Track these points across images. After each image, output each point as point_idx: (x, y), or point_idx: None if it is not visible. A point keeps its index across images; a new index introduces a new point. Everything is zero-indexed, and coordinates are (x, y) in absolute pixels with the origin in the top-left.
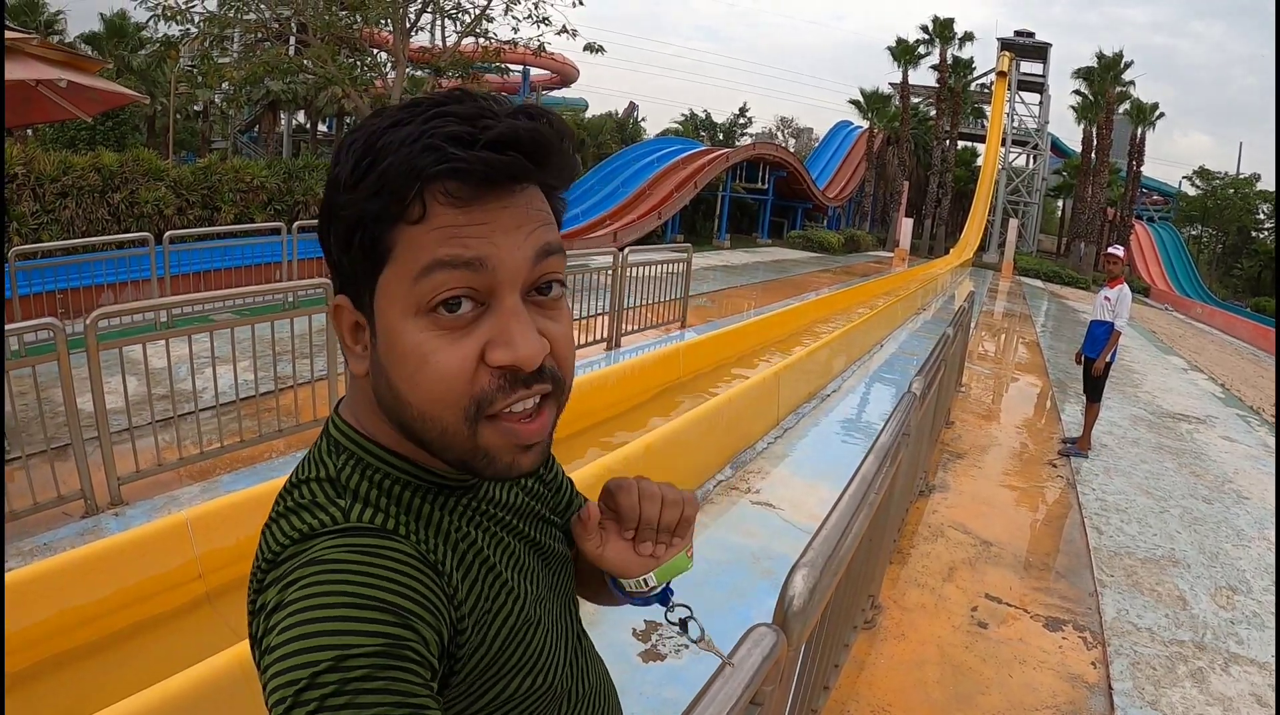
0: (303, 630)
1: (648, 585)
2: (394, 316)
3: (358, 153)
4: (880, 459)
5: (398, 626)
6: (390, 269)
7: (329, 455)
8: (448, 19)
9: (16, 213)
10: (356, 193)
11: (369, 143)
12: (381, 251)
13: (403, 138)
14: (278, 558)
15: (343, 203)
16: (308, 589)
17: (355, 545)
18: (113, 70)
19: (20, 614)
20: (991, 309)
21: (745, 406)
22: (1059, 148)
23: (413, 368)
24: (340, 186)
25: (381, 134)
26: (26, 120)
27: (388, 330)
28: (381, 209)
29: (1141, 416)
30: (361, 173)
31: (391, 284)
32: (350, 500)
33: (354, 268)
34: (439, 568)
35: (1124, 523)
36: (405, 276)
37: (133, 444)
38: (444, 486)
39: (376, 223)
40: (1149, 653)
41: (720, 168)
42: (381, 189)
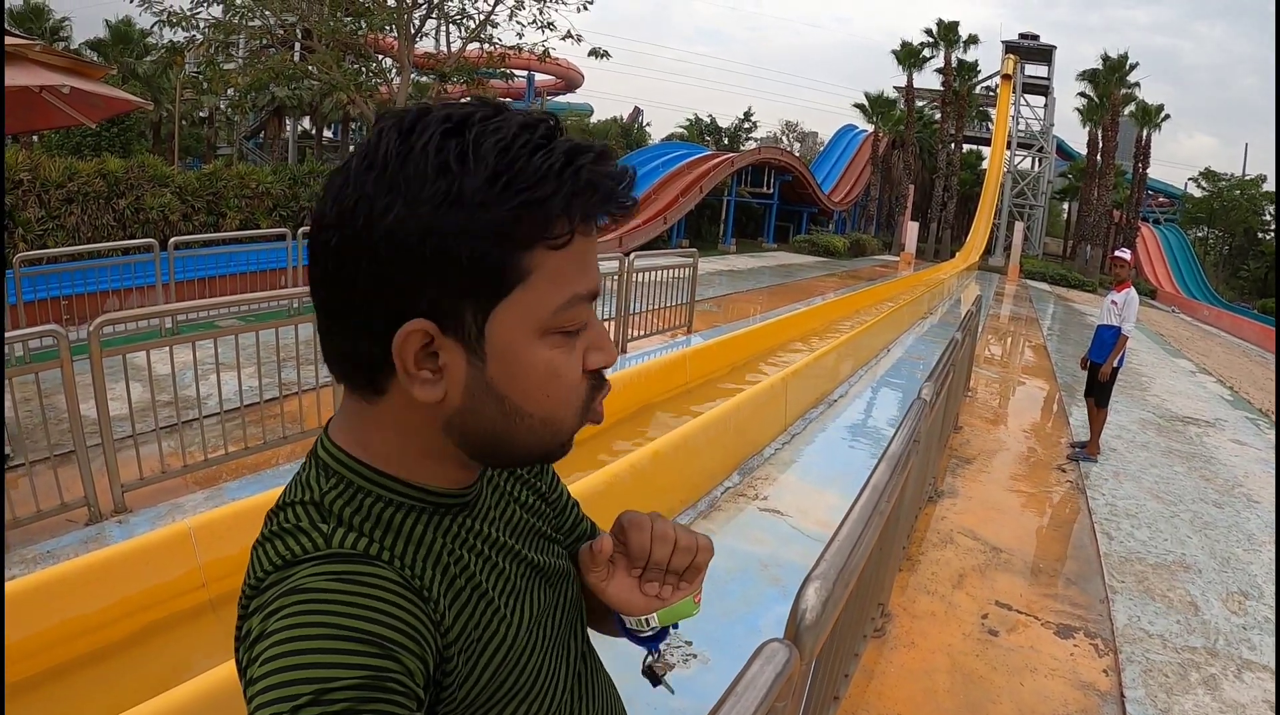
0: (284, 662)
1: (649, 625)
2: (522, 337)
3: (490, 168)
4: (892, 468)
5: (380, 657)
6: (524, 292)
7: (316, 479)
8: (452, 25)
9: (22, 219)
10: (495, 210)
11: (503, 159)
12: (516, 274)
13: (555, 166)
14: (261, 585)
15: (468, 222)
16: (289, 619)
17: (337, 573)
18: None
19: (23, 623)
20: (998, 313)
21: (752, 412)
22: (1064, 150)
23: (543, 382)
24: (460, 203)
25: (516, 153)
26: (31, 126)
27: (510, 351)
28: (527, 231)
29: (1150, 420)
30: (499, 192)
31: (525, 306)
32: (334, 525)
33: (464, 290)
34: (424, 594)
35: (1134, 528)
36: (545, 302)
37: (136, 451)
38: (439, 505)
39: (511, 244)
40: (1161, 659)
41: (725, 172)
42: (533, 214)
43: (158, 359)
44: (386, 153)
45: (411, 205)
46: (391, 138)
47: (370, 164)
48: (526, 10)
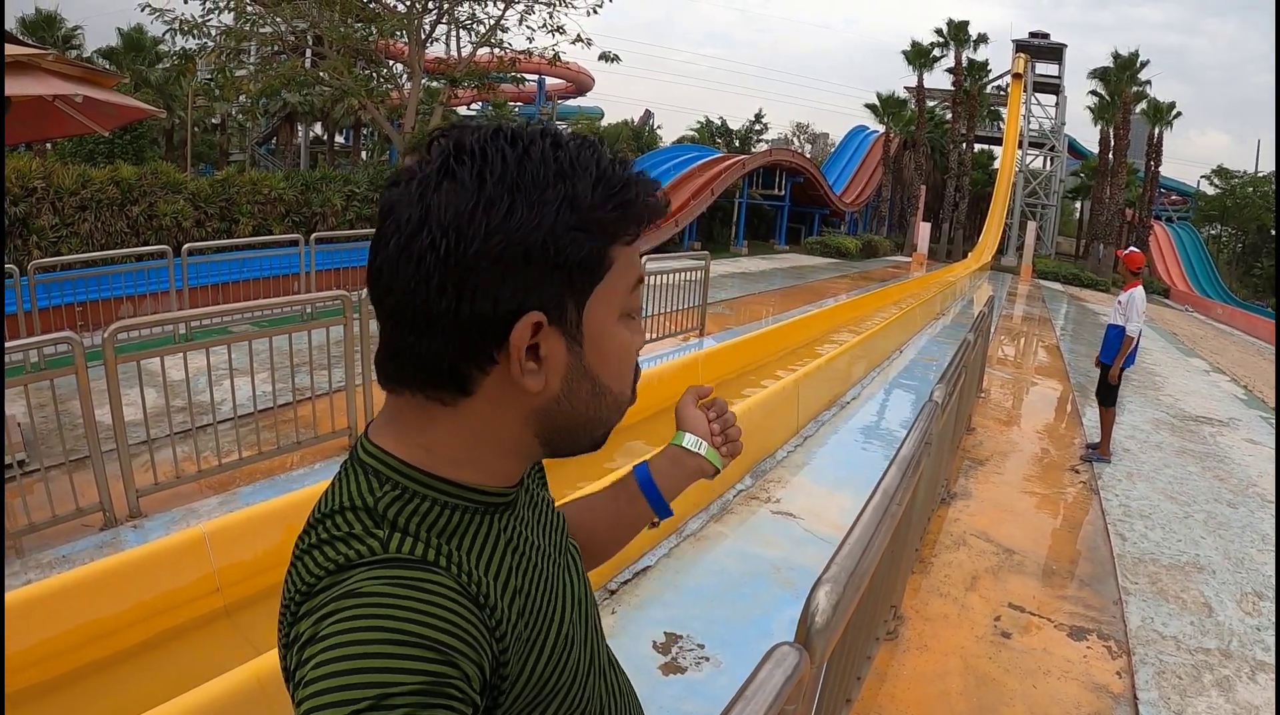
0: (341, 666)
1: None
2: (610, 320)
3: (595, 176)
4: (903, 470)
5: (439, 664)
6: (610, 281)
7: (365, 485)
8: (462, 30)
9: (36, 226)
10: (604, 211)
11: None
12: (605, 266)
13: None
14: (312, 589)
15: (582, 221)
16: (346, 623)
17: (395, 577)
18: (130, 84)
19: (40, 627)
20: (1011, 313)
21: (764, 415)
22: (1076, 149)
23: (621, 359)
24: (577, 206)
25: (609, 165)
26: (44, 135)
27: (603, 333)
28: (617, 229)
29: (1164, 420)
30: (604, 196)
31: (609, 293)
32: (389, 530)
33: (570, 282)
34: (480, 600)
35: (1148, 529)
36: (623, 287)
37: (151, 456)
38: (489, 506)
39: (608, 239)
40: (1174, 661)
41: (736, 174)
42: (626, 215)
43: (172, 365)
44: (504, 159)
45: (533, 207)
46: (503, 147)
47: (483, 170)
48: (536, 15)
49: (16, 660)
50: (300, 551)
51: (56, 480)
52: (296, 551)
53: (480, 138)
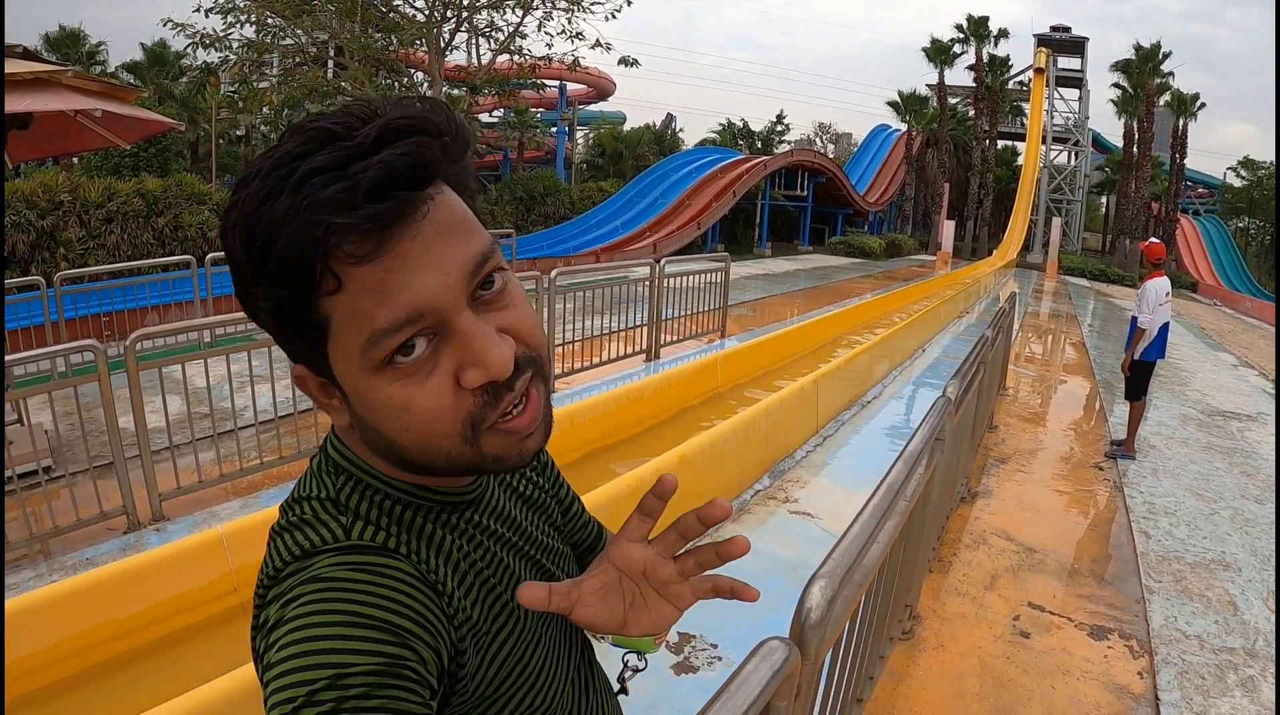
0: (301, 648)
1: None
2: (357, 379)
3: (245, 238)
4: (908, 466)
5: (396, 646)
6: (334, 341)
7: (328, 474)
8: (482, 37)
9: (63, 238)
10: (263, 282)
11: (250, 225)
12: (319, 326)
13: (281, 215)
14: (279, 574)
15: (255, 294)
16: (307, 606)
17: (355, 563)
18: (153, 98)
19: (61, 626)
20: (1037, 310)
21: (783, 415)
22: (1100, 143)
23: (395, 418)
24: (244, 276)
25: (257, 213)
26: (67, 149)
27: (357, 392)
28: (294, 294)
29: (1190, 415)
30: (258, 260)
31: (341, 353)
32: (351, 518)
33: (296, 346)
34: (439, 587)
35: (1172, 526)
36: (351, 347)
37: (174, 461)
38: (445, 503)
39: (297, 305)
40: (1198, 661)
41: (759, 176)
42: (286, 276)
43: (194, 372)
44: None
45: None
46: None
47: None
48: (555, 21)
49: (41, 657)
50: (272, 532)
51: (81, 485)
52: (272, 530)
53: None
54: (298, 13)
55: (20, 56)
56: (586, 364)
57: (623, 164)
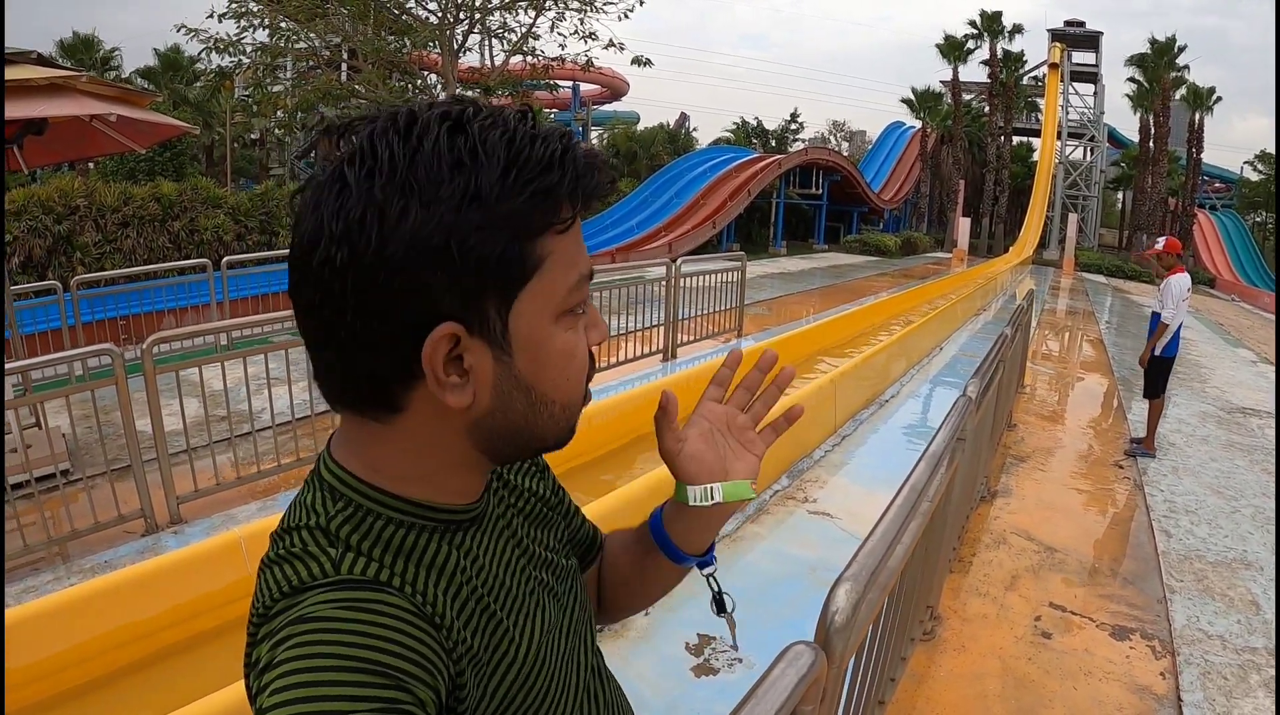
0: (295, 694)
1: (712, 497)
2: (543, 324)
3: (501, 162)
4: (931, 466)
5: (392, 689)
6: (539, 279)
7: (321, 502)
8: (494, 39)
9: (79, 243)
10: (513, 204)
11: (513, 153)
12: (532, 263)
13: (556, 152)
14: (269, 612)
15: (489, 217)
16: (299, 649)
17: (346, 601)
18: (168, 103)
19: (80, 629)
20: (1054, 307)
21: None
22: (1116, 138)
23: (564, 365)
24: (480, 199)
25: (520, 144)
26: (83, 154)
27: (534, 339)
28: (539, 220)
29: (1210, 412)
30: (514, 184)
31: (542, 293)
32: (342, 550)
33: (486, 286)
34: (436, 621)
35: (1193, 525)
36: (558, 285)
37: (191, 464)
38: (449, 523)
39: (529, 233)
40: (1220, 661)
41: (773, 175)
42: (548, 203)
43: (212, 375)
44: (392, 156)
45: (429, 206)
46: (392, 140)
47: (372, 170)
48: (567, 21)
49: (60, 660)
50: (262, 566)
51: (99, 488)
52: (262, 561)
53: (370, 132)
54: (311, 16)
55: (35, 62)
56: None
57: (637, 164)
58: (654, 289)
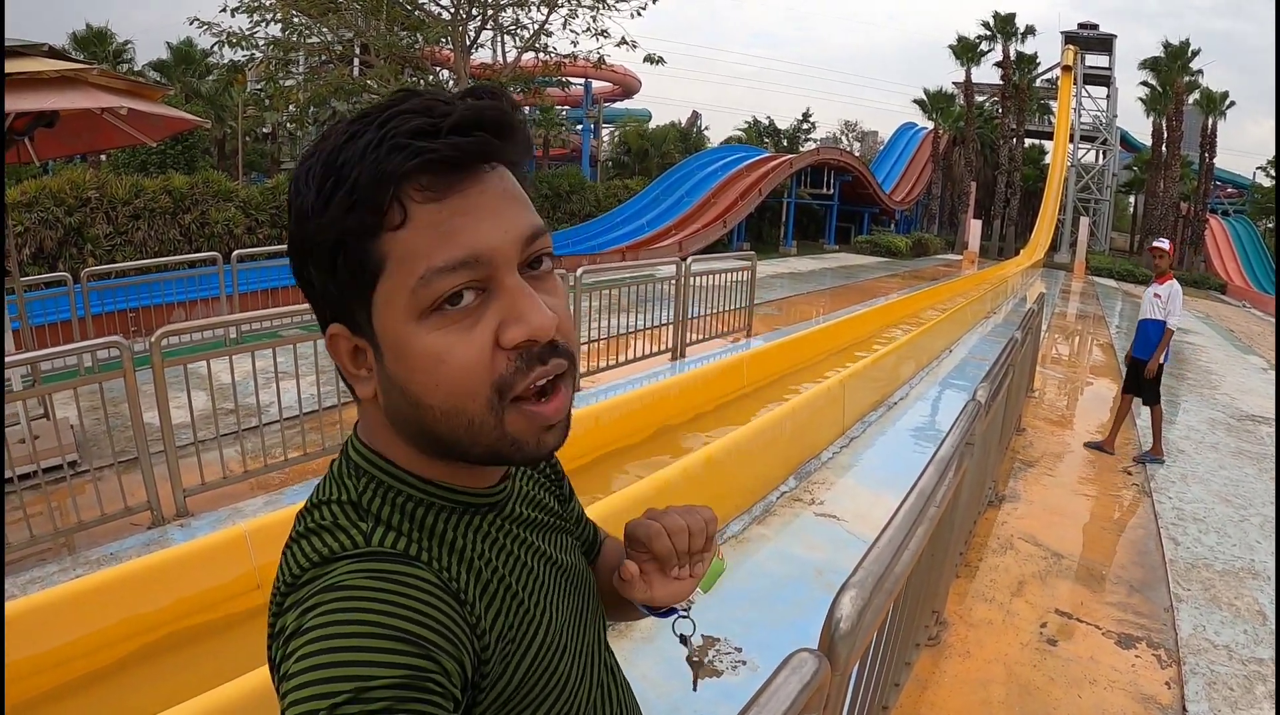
0: (322, 660)
1: (694, 600)
2: (399, 326)
3: (318, 176)
4: (940, 471)
5: (419, 657)
6: (385, 282)
7: (349, 477)
8: (507, 35)
9: (90, 235)
10: (328, 215)
11: (328, 163)
12: (372, 266)
13: (363, 147)
14: (298, 581)
15: (315, 229)
16: (327, 616)
17: (376, 571)
18: (180, 96)
19: (85, 621)
20: (1064, 311)
21: (810, 416)
22: (1128, 142)
23: (430, 369)
24: (308, 215)
25: (339, 151)
26: (94, 147)
27: (396, 341)
28: (359, 223)
29: (1220, 419)
30: (328, 194)
31: (390, 296)
32: (372, 523)
33: (343, 291)
34: (461, 596)
35: (1202, 532)
36: (403, 286)
37: (198, 457)
38: (468, 506)
39: (358, 239)
40: (1226, 671)
41: (784, 174)
42: (355, 203)
43: (220, 368)
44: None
45: (292, 223)
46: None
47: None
48: (580, 19)
49: (64, 652)
50: (290, 540)
51: (106, 480)
52: (290, 537)
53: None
54: (323, 11)
55: (46, 55)
56: (612, 362)
57: (648, 162)
58: (664, 287)
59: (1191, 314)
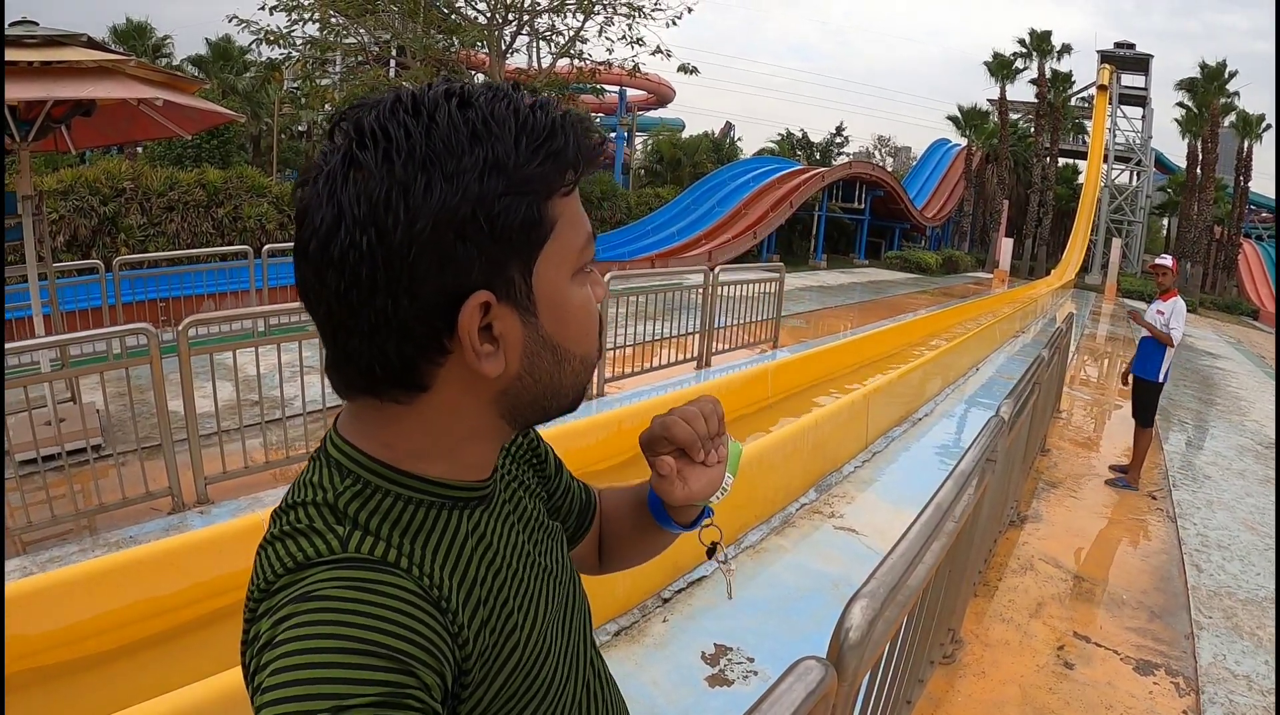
0: (298, 675)
1: (726, 488)
2: (563, 282)
3: (513, 131)
4: (959, 486)
5: (398, 673)
6: (556, 239)
7: (329, 479)
8: (542, 41)
9: (124, 225)
10: (531, 169)
11: (522, 122)
12: (548, 224)
13: (556, 121)
14: (271, 587)
15: (511, 184)
16: (302, 629)
17: (353, 580)
18: (217, 91)
19: (103, 600)
20: (1094, 332)
21: (833, 429)
22: (1163, 163)
23: (583, 319)
24: (501, 168)
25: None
26: (129, 137)
27: (558, 297)
28: (552, 183)
29: (1248, 446)
30: (529, 152)
31: (559, 252)
32: (349, 527)
33: (511, 251)
34: (442, 605)
35: (1225, 560)
36: (573, 244)
37: (221, 446)
38: (459, 501)
39: (545, 196)
40: (1245, 702)
41: (816, 187)
42: (558, 165)
43: (246, 360)
44: (408, 134)
45: (453, 179)
46: (405, 120)
47: (388, 151)
48: (616, 26)
49: (81, 629)
50: (264, 542)
51: (129, 465)
52: (264, 538)
53: (379, 115)
54: (361, 12)
55: (85, 45)
56: (638, 369)
57: (681, 171)
58: (691, 296)
59: (1222, 339)
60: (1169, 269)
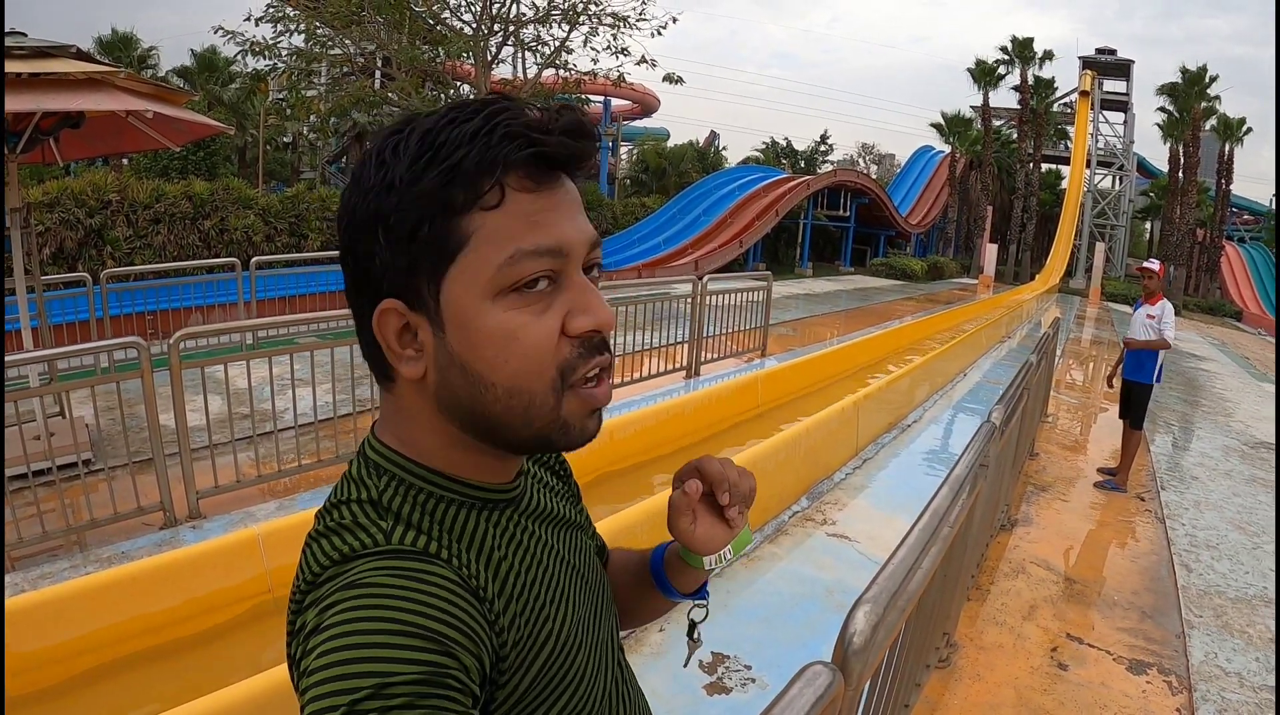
0: (342, 656)
1: (724, 559)
2: (473, 302)
3: (413, 151)
4: (954, 491)
5: (439, 654)
6: (467, 256)
7: (369, 476)
8: (528, 52)
9: (110, 237)
10: (422, 187)
11: (425, 141)
12: (456, 241)
13: (471, 131)
14: (318, 579)
15: (402, 200)
16: (348, 613)
17: (396, 569)
18: (203, 102)
19: (94, 617)
20: (1079, 336)
21: (823, 436)
22: (1145, 168)
23: (501, 346)
24: (394, 186)
25: (438, 132)
26: (117, 149)
27: (467, 317)
28: (453, 199)
29: (1234, 447)
30: (423, 168)
31: (469, 270)
32: (392, 522)
33: (414, 264)
34: (480, 594)
35: (1214, 560)
36: (487, 262)
37: (212, 460)
38: (486, 502)
39: (448, 213)
40: (1237, 699)
41: (801, 195)
42: (454, 179)
43: (236, 373)
44: (365, 158)
45: (363, 196)
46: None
47: (355, 173)
48: (601, 37)
49: (72, 647)
50: (309, 539)
51: (120, 479)
52: (308, 536)
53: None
54: (347, 23)
55: (74, 57)
56: (627, 379)
57: (666, 180)
58: (679, 306)
59: (1207, 341)
60: (1156, 273)
